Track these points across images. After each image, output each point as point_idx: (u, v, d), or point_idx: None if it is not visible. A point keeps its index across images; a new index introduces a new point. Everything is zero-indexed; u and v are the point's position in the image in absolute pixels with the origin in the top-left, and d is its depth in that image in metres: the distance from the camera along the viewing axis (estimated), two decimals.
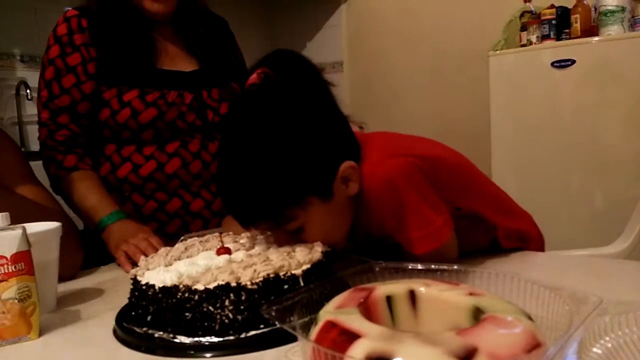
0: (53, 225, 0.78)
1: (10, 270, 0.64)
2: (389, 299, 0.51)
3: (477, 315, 0.45)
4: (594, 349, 0.45)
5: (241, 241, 0.78)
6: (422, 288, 0.51)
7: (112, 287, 0.88)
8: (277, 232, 0.74)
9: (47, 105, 1.11)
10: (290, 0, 3.54)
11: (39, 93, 1.13)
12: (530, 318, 0.43)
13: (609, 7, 2.14)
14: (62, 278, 0.82)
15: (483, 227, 0.86)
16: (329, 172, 0.73)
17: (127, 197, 1.13)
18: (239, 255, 0.69)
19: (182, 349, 0.59)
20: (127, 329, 0.64)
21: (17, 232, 0.65)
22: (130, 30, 1.12)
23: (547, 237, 0.95)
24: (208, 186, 1.17)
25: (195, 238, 0.83)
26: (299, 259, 0.65)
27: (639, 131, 2.05)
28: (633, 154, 2.05)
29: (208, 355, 0.57)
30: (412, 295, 0.51)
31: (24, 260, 0.65)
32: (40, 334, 0.67)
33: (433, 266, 0.57)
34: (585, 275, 0.78)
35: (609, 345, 0.45)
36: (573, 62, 2.17)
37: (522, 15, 2.46)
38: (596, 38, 2.17)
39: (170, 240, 1.13)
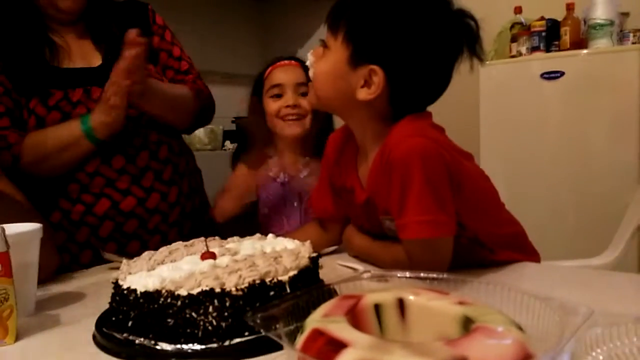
0: (34, 226, 0.76)
1: None
2: (377, 308, 0.49)
3: (467, 324, 0.44)
4: None
5: (227, 246, 0.76)
6: (411, 296, 0.50)
7: (94, 291, 0.86)
8: (320, 46, 0.85)
9: None
10: (285, 6, 3.55)
11: None
12: (520, 329, 0.42)
13: (598, 21, 2.17)
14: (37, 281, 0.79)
15: (480, 252, 0.84)
16: (374, 51, 0.79)
17: (54, 205, 1.08)
18: (224, 260, 0.67)
19: (164, 356, 0.57)
20: (107, 334, 0.62)
21: None
22: (21, 36, 1.08)
23: (536, 248, 0.95)
24: (139, 181, 1.11)
25: (180, 242, 0.81)
26: (285, 264, 0.64)
27: (626, 143, 2.08)
28: (620, 165, 2.07)
29: None
30: (401, 304, 0.50)
31: (1, 261, 0.63)
32: (17, 338, 0.65)
33: (422, 274, 0.56)
34: (575, 286, 0.78)
35: (601, 357, 0.45)
36: (562, 73, 2.19)
37: (512, 26, 2.48)
38: (585, 50, 2.20)
39: (104, 243, 1.10)
